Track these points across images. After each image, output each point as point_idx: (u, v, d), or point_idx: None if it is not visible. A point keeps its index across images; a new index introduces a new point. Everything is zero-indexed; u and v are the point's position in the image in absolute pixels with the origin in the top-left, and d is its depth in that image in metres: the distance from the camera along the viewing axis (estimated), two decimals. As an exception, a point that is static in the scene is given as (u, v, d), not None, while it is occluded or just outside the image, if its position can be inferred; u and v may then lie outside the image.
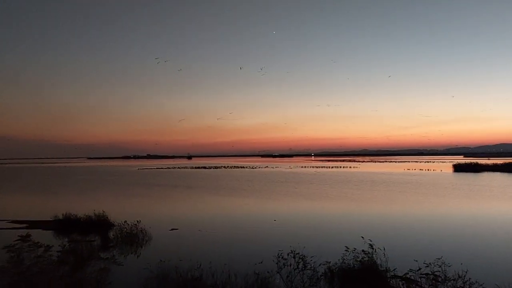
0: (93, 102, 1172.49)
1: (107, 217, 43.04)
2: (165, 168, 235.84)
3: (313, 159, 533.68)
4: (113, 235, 37.22)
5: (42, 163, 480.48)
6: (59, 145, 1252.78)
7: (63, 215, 43.76)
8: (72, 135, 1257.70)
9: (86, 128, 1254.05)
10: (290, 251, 24.18)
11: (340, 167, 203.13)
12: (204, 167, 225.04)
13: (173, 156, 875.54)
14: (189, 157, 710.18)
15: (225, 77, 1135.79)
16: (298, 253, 23.62)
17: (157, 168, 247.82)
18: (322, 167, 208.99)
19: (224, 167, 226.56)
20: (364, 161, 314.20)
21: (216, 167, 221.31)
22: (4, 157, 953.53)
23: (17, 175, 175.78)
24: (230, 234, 37.18)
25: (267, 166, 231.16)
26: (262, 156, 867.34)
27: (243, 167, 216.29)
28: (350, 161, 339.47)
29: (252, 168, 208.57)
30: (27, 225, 47.08)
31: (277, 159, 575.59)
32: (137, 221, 39.49)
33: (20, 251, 19.34)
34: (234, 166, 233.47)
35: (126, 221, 39.83)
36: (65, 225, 42.33)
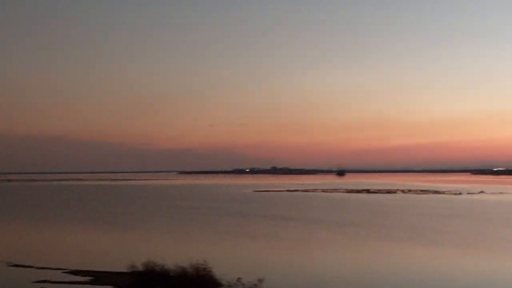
0: (186, 87, 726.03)
1: (211, 271, 32.63)
2: (300, 191, 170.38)
3: None
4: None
5: (111, 179, 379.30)
6: (134, 151, 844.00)
7: (143, 264, 33.95)
8: (154, 136, 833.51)
9: (184, 126, 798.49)
10: None
11: None
12: (368, 191, 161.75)
13: (314, 170, 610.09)
14: (341, 173, 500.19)
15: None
16: None
17: (287, 190, 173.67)
18: None
19: (403, 191, 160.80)
20: None
21: (389, 191, 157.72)
22: (50, 168, 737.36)
23: (74, 198, 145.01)
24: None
25: (482, 191, 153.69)
26: (474, 171, 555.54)
27: (439, 192, 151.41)
28: None
29: (456, 194, 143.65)
30: (93, 277, 36.13)
31: (501, 177, 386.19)
32: (259, 281, 29.99)
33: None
34: (422, 190, 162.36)
35: (240, 278, 30.55)
36: (147, 280, 32.78)
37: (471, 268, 40.86)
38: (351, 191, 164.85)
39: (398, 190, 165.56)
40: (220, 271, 33.15)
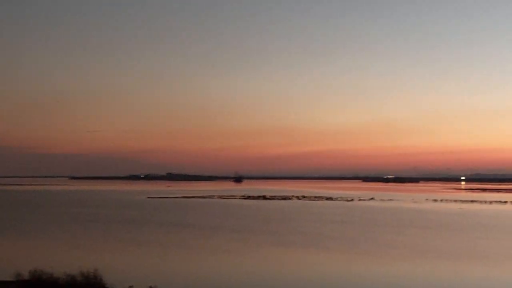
0: (79, 88, 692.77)
1: (102, 279, 32.38)
2: (195, 197, 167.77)
3: (463, 186, 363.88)
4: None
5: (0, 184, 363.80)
6: (26, 155, 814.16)
7: (30, 273, 33.32)
8: (46, 140, 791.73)
9: (69, 128, 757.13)
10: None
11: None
12: (265, 197, 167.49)
13: (211, 176, 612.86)
14: (238, 179, 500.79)
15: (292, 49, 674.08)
16: None
17: (182, 196, 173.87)
18: (477, 201, 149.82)
19: (298, 197, 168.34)
20: None
21: (285, 198, 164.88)
22: None
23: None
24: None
25: (372, 198, 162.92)
26: (365, 179, 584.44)
27: (332, 199, 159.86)
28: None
29: (347, 200, 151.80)
30: (-27, 287, 34.14)
31: (390, 184, 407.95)
32: (150, 287, 30.63)
33: None
34: (316, 197, 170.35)
35: (131, 286, 31.25)
36: (34, 289, 32.54)
37: (355, 271, 43.33)
38: (248, 197, 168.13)
39: (293, 196, 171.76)
40: (111, 279, 32.91)
